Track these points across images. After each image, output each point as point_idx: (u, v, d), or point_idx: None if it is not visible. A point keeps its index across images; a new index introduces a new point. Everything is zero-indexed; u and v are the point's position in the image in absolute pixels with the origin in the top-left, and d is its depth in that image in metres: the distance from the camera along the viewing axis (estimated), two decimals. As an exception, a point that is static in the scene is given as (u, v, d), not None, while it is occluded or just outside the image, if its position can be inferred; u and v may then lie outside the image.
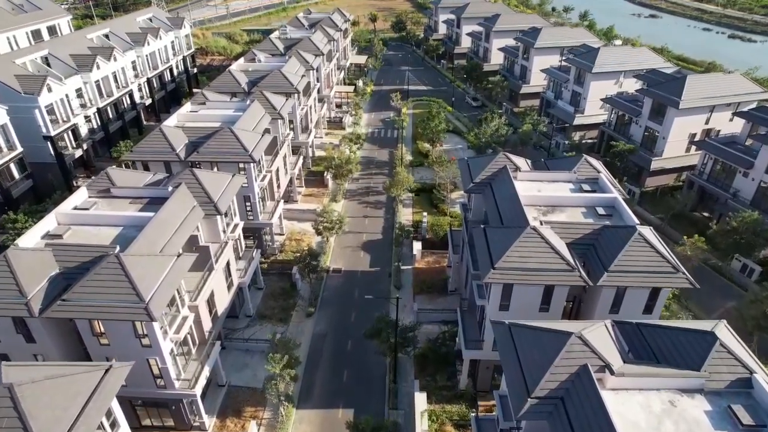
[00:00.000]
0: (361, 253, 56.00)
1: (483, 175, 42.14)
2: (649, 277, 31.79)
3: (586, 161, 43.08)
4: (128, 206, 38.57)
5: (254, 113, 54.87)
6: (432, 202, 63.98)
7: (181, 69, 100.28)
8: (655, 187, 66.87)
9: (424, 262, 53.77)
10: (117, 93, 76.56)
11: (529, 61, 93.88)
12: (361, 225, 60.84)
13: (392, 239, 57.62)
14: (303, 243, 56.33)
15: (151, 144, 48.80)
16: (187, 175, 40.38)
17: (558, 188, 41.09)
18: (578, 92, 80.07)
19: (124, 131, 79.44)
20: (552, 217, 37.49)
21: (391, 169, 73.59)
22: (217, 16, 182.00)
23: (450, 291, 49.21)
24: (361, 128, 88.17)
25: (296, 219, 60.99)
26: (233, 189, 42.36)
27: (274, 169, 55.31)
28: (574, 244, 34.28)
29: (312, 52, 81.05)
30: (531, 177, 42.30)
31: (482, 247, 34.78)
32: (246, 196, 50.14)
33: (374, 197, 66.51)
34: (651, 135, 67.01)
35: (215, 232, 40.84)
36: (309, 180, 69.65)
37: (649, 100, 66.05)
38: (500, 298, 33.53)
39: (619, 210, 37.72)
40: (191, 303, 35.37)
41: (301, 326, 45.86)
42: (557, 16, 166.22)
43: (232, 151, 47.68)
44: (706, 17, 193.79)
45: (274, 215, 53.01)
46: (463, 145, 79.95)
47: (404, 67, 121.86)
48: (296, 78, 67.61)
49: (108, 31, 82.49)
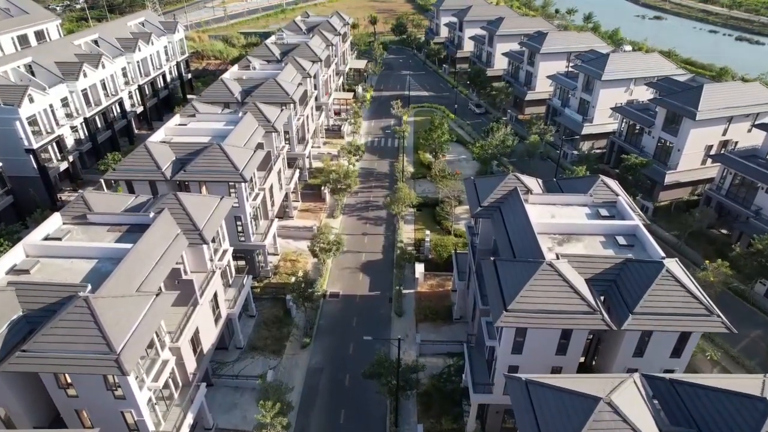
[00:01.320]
0: (360, 275, 52.78)
1: (492, 198, 38.95)
2: (679, 320, 28.59)
3: (603, 182, 39.88)
4: (105, 235, 35.36)
5: (246, 127, 51.67)
6: (435, 218, 60.78)
7: (174, 75, 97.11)
8: (669, 202, 63.64)
9: (426, 285, 50.57)
10: (106, 102, 73.36)
11: (534, 67, 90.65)
12: (360, 243, 57.63)
13: (393, 260, 54.44)
14: (299, 264, 53.16)
15: (135, 162, 45.60)
16: (171, 200, 37.17)
17: (573, 213, 37.89)
18: (586, 100, 76.82)
19: (113, 141, 76.29)
20: (568, 247, 34.29)
21: (391, 181, 70.40)
22: (214, 18, 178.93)
23: (455, 319, 46.01)
24: (360, 137, 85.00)
25: (292, 237, 57.77)
26: (221, 213, 39.18)
27: (268, 186, 52.11)
28: (594, 280, 31.09)
29: (309, 59, 77.85)
30: (543, 200, 39.09)
31: (493, 283, 31.59)
32: (237, 217, 47.00)
33: (374, 212, 63.30)
34: (665, 147, 63.77)
35: (201, 261, 37.66)
36: (306, 194, 66.41)
37: (663, 111, 62.81)
38: (513, 341, 30.35)
39: (642, 240, 34.51)
40: (173, 344, 32.19)
41: (295, 359, 42.66)
42: (561, 18, 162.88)
43: (222, 170, 44.48)
44: (711, 19, 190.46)
45: (267, 236, 49.80)
46: (467, 156, 76.77)
47: (405, 72, 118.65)
48: (292, 87, 64.39)
49: (97, 36, 79.29)
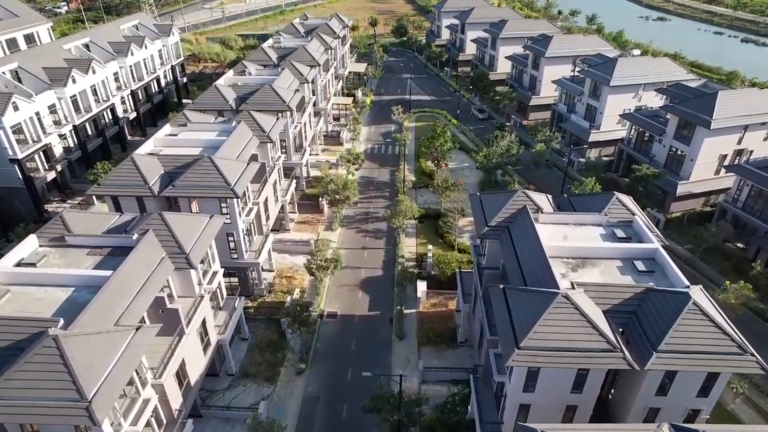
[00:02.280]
0: (359, 292, 50.28)
1: (499, 217, 36.46)
2: (709, 359, 26.08)
3: (618, 200, 37.37)
4: (85, 259, 32.91)
5: (240, 137, 49.21)
6: (437, 231, 58.28)
7: (169, 79, 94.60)
8: (681, 213, 61.10)
9: (429, 304, 48.05)
10: (96, 108, 70.86)
11: (539, 71, 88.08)
12: (359, 258, 55.13)
13: (393, 276, 51.95)
14: (295, 282, 50.65)
15: (120, 176, 43.11)
16: (156, 220, 34.67)
17: (587, 234, 35.40)
18: (594, 106, 74.29)
19: (105, 149, 73.83)
20: (582, 273, 31.80)
21: (392, 190, 67.90)
22: (212, 19, 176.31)
23: (460, 342, 43.48)
24: (359, 144, 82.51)
25: (288, 252, 55.26)
26: (210, 234, 36.68)
27: (262, 199, 49.62)
28: (612, 312, 28.57)
29: (307, 63, 75.37)
30: (555, 219, 36.60)
31: (502, 314, 29.09)
32: (229, 233, 44.52)
33: (374, 225, 60.79)
34: (676, 156, 61.23)
35: (188, 286, 35.20)
36: (303, 204, 63.89)
37: (675, 118, 60.27)
38: (525, 380, 27.84)
39: (662, 264, 32.01)
40: (155, 381, 29.70)
41: (290, 386, 40.15)
42: (564, 20, 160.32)
43: (213, 185, 41.98)
44: (716, 20, 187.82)
45: (261, 253, 47.27)
46: (470, 163, 74.24)
47: (406, 75, 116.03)
48: (289, 94, 61.88)
49: (88, 40, 76.78)
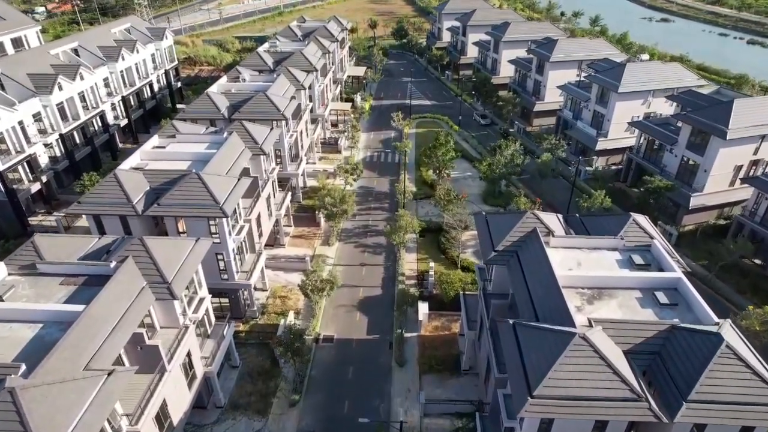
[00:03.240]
0: (357, 314, 47.61)
1: (507, 240, 33.80)
2: (746, 411, 23.41)
3: (635, 222, 34.70)
4: (57, 289, 30.27)
5: (231, 150, 46.54)
6: (439, 246, 55.62)
7: (163, 84, 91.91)
8: (694, 226, 58.44)
9: (431, 327, 45.40)
10: (85, 115, 68.20)
11: (543, 76, 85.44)
12: (357, 275, 52.47)
13: (393, 295, 49.30)
14: (289, 302, 47.98)
15: (103, 193, 40.48)
16: (136, 246, 32.01)
17: (602, 260, 32.73)
18: (601, 113, 71.63)
19: (94, 157, 71.15)
20: (599, 305, 29.14)
21: (392, 202, 65.24)
22: (209, 21, 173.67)
23: (464, 370, 40.81)
24: (358, 151, 79.84)
25: (282, 269, 52.60)
26: (195, 259, 34.01)
27: (255, 215, 46.96)
28: (634, 353, 25.92)
29: (304, 68, 72.69)
30: (567, 243, 33.96)
31: (513, 354, 26.44)
32: (218, 254, 41.88)
33: (373, 239, 58.12)
34: (689, 166, 58.58)
35: (171, 316, 32.55)
36: (299, 217, 61.26)
37: (688, 128, 57.61)
38: (537, 429, 25.18)
39: (686, 296, 29.34)
40: (131, 428, 27.05)
41: (282, 420, 37.47)
42: (567, 22, 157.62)
43: (200, 203, 39.32)
44: (721, 21, 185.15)
45: (253, 273, 44.60)
46: (473, 172, 71.55)
47: (406, 79, 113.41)
48: (284, 101, 59.21)
49: (76, 45, 74.05)
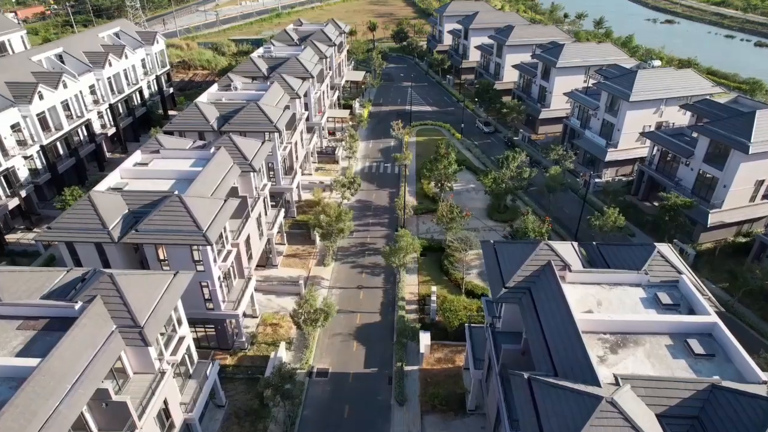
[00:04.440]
0: (353, 344, 44.24)
1: (519, 275, 30.45)
2: (804, 494, 20.07)
3: (660, 255, 31.34)
4: (14, 335, 26.92)
5: (218, 168, 43.21)
6: (442, 266, 52.30)
7: (154, 90, 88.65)
8: (712, 245, 55.09)
9: (433, 359, 42.03)
10: (69, 125, 64.87)
11: (549, 82, 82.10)
12: (354, 300, 49.13)
13: (393, 322, 45.97)
14: (281, 330, 44.61)
15: (76, 217, 37.10)
16: (105, 283, 28.62)
17: (625, 299, 29.37)
18: (611, 122, 68.26)
19: (79, 169, 67.88)
20: (624, 355, 25.76)
21: (391, 217, 61.89)
22: (205, 23, 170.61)
23: (469, 410, 37.46)
24: (356, 162, 76.48)
25: (274, 292, 49.28)
26: (173, 296, 30.63)
27: (243, 239, 43.62)
28: (669, 417, 22.56)
29: (299, 75, 69.48)
30: (585, 278, 30.59)
31: (529, 416, 23.08)
32: (203, 282, 38.53)
33: (371, 258, 54.78)
34: (707, 181, 55.23)
35: (145, 361, 29.18)
36: (293, 234, 57.91)
37: (706, 140, 54.29)
38: (559, 507, 21.85)
39: (723, 345, 25.94)
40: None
41: (271, 468, 34.18)
42: (571, 24, 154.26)
43: (182, 229, 35.98)
44: (726, 23, 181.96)
45: (241, 302, 41.26)
46: (476, 185, 68.19)
47: (406, 84, 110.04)
48: (277, 112, 55.94)
49: (61, 51, 70.73)
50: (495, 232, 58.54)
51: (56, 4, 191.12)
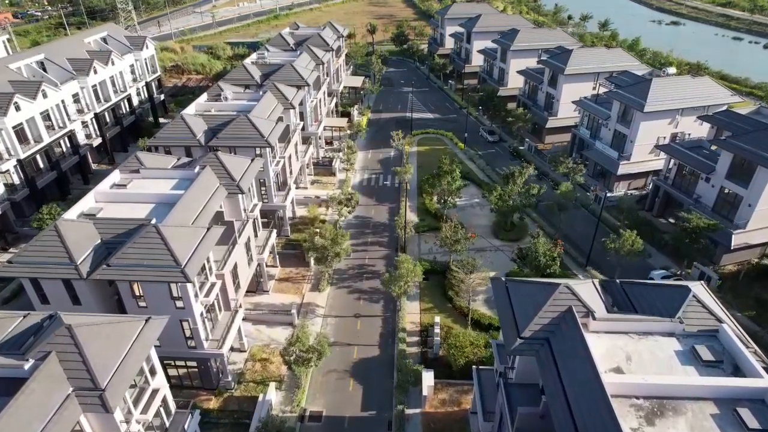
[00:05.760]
0: (350, 381, 40.55)
1: (536, 324, 26.77)
2: None
3: (695, 299, 27.64)
4: (-45, 400, 23.26)
5: (202, 190, 39.55)
6: (445, 291, 48.61)
7: (144, 97, 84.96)
8: (735, 268, 51.42)
9: (437, 401, 38.33)
10: (49, 137, 61.18)
11: (557, 89, 78.37)
12: (351, 330, 45.45)
13: (393, 357, 42.28)
14: (271, 367, 40.93)
15: (41, 250, 33.51)
16: (62, 336, 24.94)
17: (657, 353, 25.65)
18: (623, 133, 64.53)
19: (61, 183, 64.26)
20: (663, 428, 22.06)
21: (391, 236, 58.19)
22: (201, 25, 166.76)
23: (478, 463, 33.79)
24: (354, 174, 72.75)
25: (264, 322, 45.60)
26: (144, 346, 26.89)
27: (229, 268, 39.94)
28: None
29: (294, 83, 65.80)
30: (611, 327, 26.87)
31: None
32: (183, 320, 34.88)
33: (369, 282, 51.09)
34: (729, 199, 51.57)
35: (108, 426, 25.46)
36: (286, 255, 54.20)
37: (729, 155, 50.61)
38: None
39: (779, 415, 22.29)
40: None
41: None
42: (576, 26, 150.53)
43: (159, 264, 32.32)
44: (733, 24, 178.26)
45: (227, 338, 37.56)
46: (481, 200, 64.45)
47: (406, 89, 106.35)
48: (269, 125, 52.26)
49: (42, 57, 67.01)
50: (502, 253, 54.90)
51: (50, 6, 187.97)
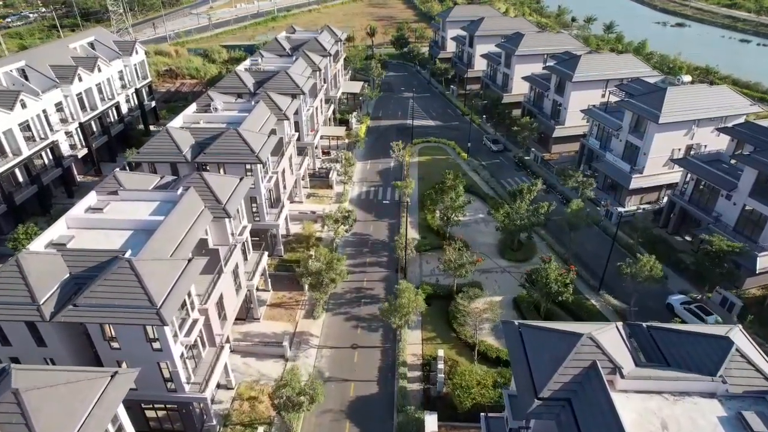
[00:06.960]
0: (346, 424, 37.13)
1: (556, 382, 23.39)
2: None
3: (738, 353, 24.24)
4: None
5: (183, 215, 36.13)
6: (449, 319, 45.23)
7: (133, 104, 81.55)
8: (760, 291, 48.06)
9: (441, 447, 35.01)
10: (29, 149, 57.89)
11: (564, 97, 74.96)
12: (348, 363, 42.05)
13: (393, 395, 38.87)
14: (260, 407, 37.56)
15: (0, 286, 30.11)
16: (7, 403, 21.52)
17: (697, 417, 22.24)
18: (635, 145, 61.12)
19: (42, 197, 60.86)
20: None
21: (390, 255, 54.77)
22: (197, 27, 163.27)
23: None
24: (352, 186, 69.35)
25: (254, 354, 42.20)
26: (109, 408, 23.52)
27: (213, 301, 36.55)
28: None
29: (289, 92, 62.37)
30: (642, 386, 23.51)
31: None
32: (160, 362, 31.52)
33: (368, 308, 47.71)
34: (753, 218, 48.22)
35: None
36: (279, 277, 50.74)
37: (753, 172, 47.23)
38: None
39: None
40: None
41: None
42: (579, 29, 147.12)
43: (132, 305, 28.89)
44: (740, 26, 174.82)
45: (210, 380, 34.15)
46: (485, 215, 60.97)
47: (407, 94, 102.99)
48: (261, 139, 48.87)
49: (23, 65, 63.60)
50: (509, 274, 51.55)
51: (44, 7, 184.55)
